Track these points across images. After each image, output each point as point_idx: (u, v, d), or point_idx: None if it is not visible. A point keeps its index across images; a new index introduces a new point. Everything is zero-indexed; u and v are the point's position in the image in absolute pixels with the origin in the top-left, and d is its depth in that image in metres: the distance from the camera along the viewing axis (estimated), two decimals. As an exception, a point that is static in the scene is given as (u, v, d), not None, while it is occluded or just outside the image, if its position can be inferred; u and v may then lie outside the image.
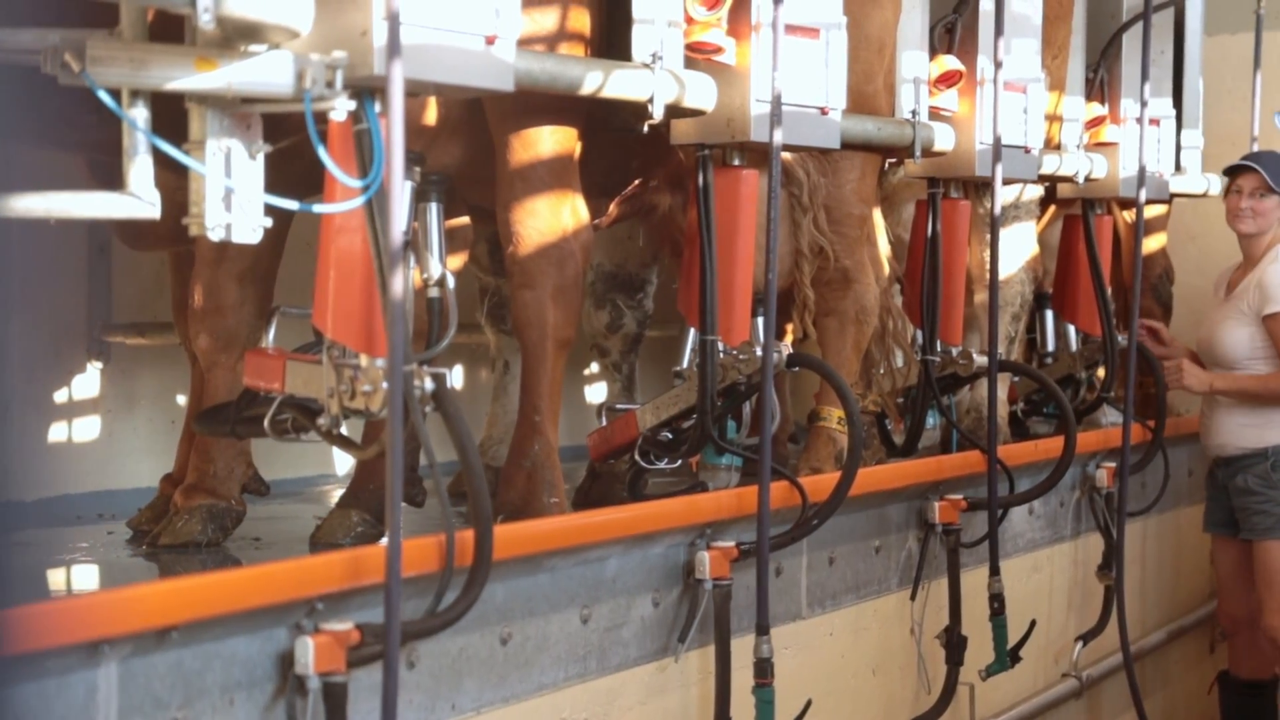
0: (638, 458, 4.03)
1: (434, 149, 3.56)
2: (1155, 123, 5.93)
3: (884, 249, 5.04)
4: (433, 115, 3.54)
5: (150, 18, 2.68)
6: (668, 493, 4.08)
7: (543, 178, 3.62)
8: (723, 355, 3.87)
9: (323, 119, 2.73)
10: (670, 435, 4.03)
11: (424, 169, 3.47)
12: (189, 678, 2.66)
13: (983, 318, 5.54)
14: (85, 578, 3.53)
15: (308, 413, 3.07)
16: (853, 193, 4.63)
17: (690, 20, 3.63)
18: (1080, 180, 5.62)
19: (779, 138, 3.68)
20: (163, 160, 2.62)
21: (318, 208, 2.81)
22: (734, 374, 3.89)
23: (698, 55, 3.66)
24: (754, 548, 3.79)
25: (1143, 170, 5.70)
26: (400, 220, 2.71)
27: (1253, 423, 5.93)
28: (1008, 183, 5.19)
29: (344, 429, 3.05)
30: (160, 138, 2.59)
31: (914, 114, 4.54)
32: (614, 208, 4.33)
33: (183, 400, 4.67)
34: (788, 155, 4.36)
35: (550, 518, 3.59)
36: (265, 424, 3.16)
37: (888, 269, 5.00)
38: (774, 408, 3.89)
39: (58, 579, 3.40)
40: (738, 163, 3.86)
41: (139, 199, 2.64)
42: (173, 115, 2.68)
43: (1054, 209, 6.22)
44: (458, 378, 5.72)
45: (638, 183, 4.32)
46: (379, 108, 2.78)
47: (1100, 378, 6.08)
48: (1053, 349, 6.32)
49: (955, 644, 4.80)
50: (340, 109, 2.71)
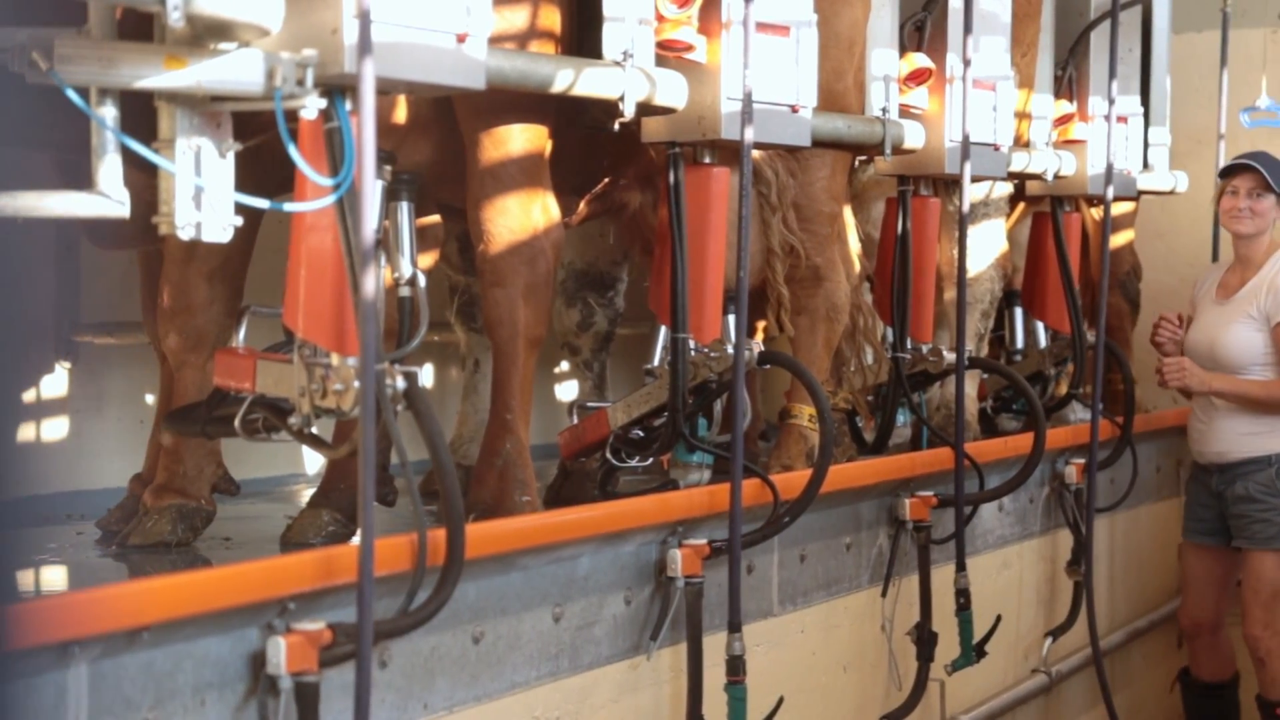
0: (609, 456, 4.03)
1: (404, 147, 3.56)
2: (1123, 120, 5.96)
3: (854, 247, 5.06)
4: (403, 114, 3.53)
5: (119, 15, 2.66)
6: (639, 491, 4.08)
7: (513, 175, 3.61)
8: (694, 353, 3.87)
9: (293, 117, 2.72)
10: (642, 433, 4.03)
11: (394, 167, 3.47)
12: (160, 678, 2.65)
13: (953, 315, 5.55)
14: (54, 579, 3.51)
15: (279, 412, 3.06)
16: (823, 190, 4.63)
17: (661, 18, 3.63)
18: (1049, 178, 5.63)
19: (750, 135, 3.69)
20: (132, 159, 2.61)
21: (289, 206, 2.80)
22: (705, 372, 3.89)
23: (668, 53, 3.66)
24: (726, 545, 3.79)
25: (1111, 168, 5.72)
26: (371, 219, 2.71)
27: (1257, 430, 5.80)
28: (977, 180, 5.20)
29: (315, 428, 3.04)
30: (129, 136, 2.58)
31: (884, 112, 4.55)
32: (584, 205, 4.33)
33: (152, 400, 4.64)
34: (757, 154, 4.36)
35: (522, 516, 3.59)
36: (236, 424, 3.15)
37: (858, 267, 5.01)
38: (745, 405, 3.90)
39: (26, 580, 3.38)
40: (709, 160, 3.87)
41: (108, 198, 2.63)
42: (140, 113, 2.66)
43: (1023, 206, 6.24)
44: (427, 376, 5.71)
45: (607, 181, 4.31)
46: (350, 106, 2.77)
47: (1069, 374, 6.11)
48: (1022, 346, 6.35)
49: (926, 640, 4.82)
50: (311, 107, 2.69)
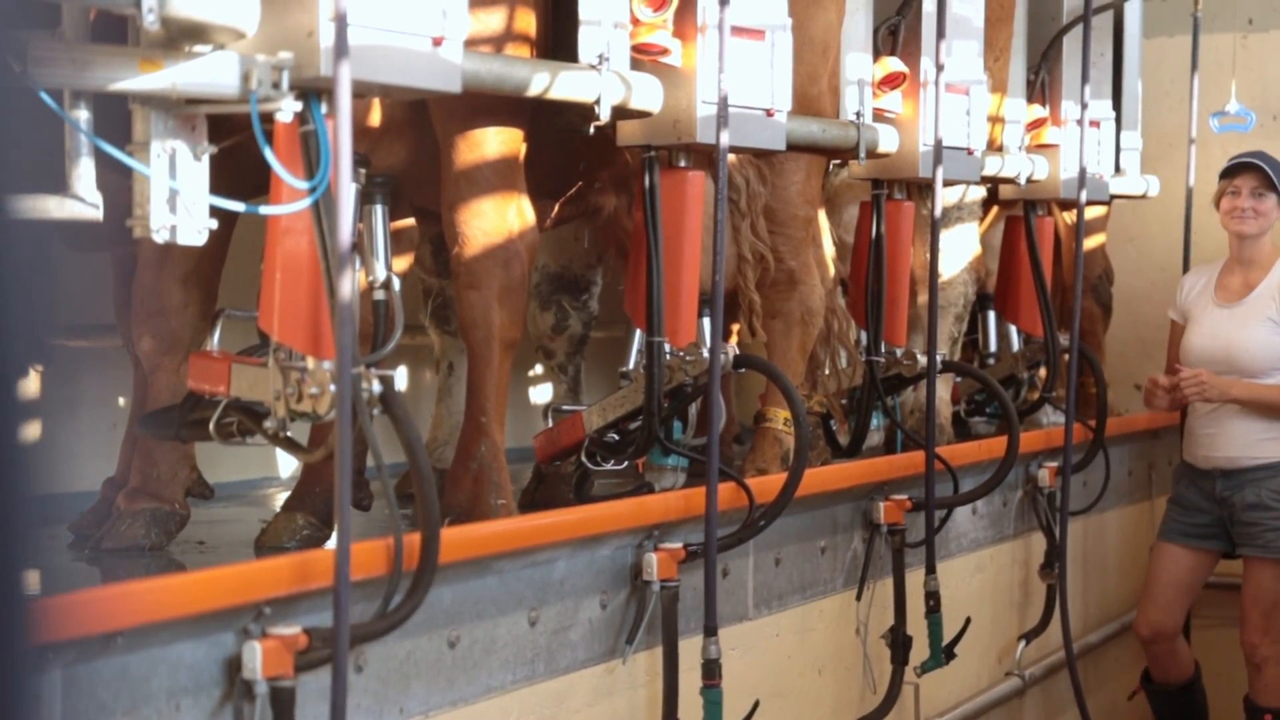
0: (584, 459, 4.03)
1: (378, 150, 3.55)
2: (1095, 124, 5.98)
3: (829, 250, 5.06)
4: (377, 116, 3.52)
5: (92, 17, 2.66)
6: (615, 494, 4.08)
7: (488, 178, 3.61)
8: (669, 356, 3.87)
9: (268, 120, 2.72)
10: (617, 436, 4.03)
11: (369, 170, 3.46)
12: (134, 683, 2.64)
13: (926, 318, 5.56)
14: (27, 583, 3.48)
15: (254, 416, 3.05)
16: (798, 194, 4.64)
17: (636, 22, 3.63)
18: (1022, 182, 5.65)
19: (726, 139, 3.69)
20: (107, 161, 2.60)
21: (264, 209, 2.80)
22: (680, 375, 3.89)
23: (644, 57, 3.67)
24: (701, 549, 3.79)
25: (1083, 172, 5.74)
26: (347, 222, 2.70)
27: (1269, 435, 5.71)
28: (950, 184, 5.22)
29: (290, 432, 3.03)
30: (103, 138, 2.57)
31: (858, 116, 4.55)
32: (559, 209, 4.33)
33: (125, 403, 4.62)
34: (729, 159, 4.37)
35: (498, 520, 3.58)
36: (211, 427, 3.14)
37: (833, 270, 5.02)
38: (720, 409, 3.90)
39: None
40: (684, 164, 3.87)
41: (81, 201, 2.62)
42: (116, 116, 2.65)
43: (996, 210, 6.26)
44: (401, 379, 5.70)
45: (581, 184, 4.31)
46: (325, 109, 2.77)
47: (1042, 378, 6.13)
48: (995, 349, 6.37)
49: (900, 644, 4.83)
50: (286, 110, 2.69)
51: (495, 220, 3.62)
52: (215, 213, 2.72)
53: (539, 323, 5.04)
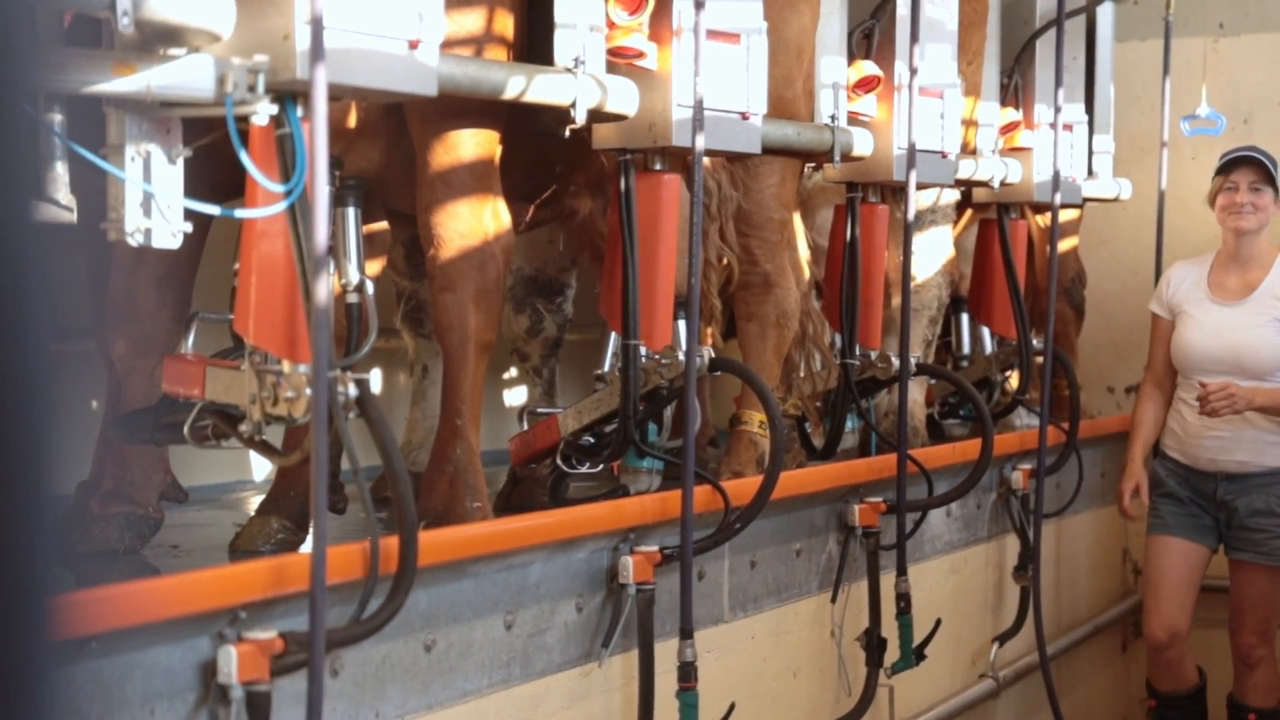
0: (559, 462, 4.03)
1: (352, 152, 3.54)
2: (1068, 128, 6.00)
3: (804, 253, 5.07)
4: (353, 119, 3.51)
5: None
6: (590, 497, 4.08)
7: (464, 181, 3.60)
8: (645, 359, 3.88)
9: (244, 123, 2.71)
10: (592, 439, 4.03)
11: (342, 173, 3.45)
12: (108, 688, 2.63)
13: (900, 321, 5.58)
14: None
15: (229, 419, 3.04)
16: (773, 197, 4.65)
17: (612, 25, 3.63)
18: (996, 185, 5.67)
19: (701, 143, 3.69)
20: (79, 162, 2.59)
21: (239, 213, 2.79)
22: (656, 378, 3.90)
23: (620, 60, 3.67)
24: (677, 552, 3.79)
25: (1057, 175, 5.76)
26: (323, 224, 2.69)
27: (1278, 439, 5.61)
28: (924, 187, 5.23)
29: (265, 435, 3.03)
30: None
31: (833, 119, 4.56)
32: (534, 212, 4.32)
33: (98, 407, 4.60)
34: (704, 162, 4.37)
35: (474, 523, 3.58)
36: (185, 430, 3.13)
37: (808, 273, 5.03)
38: (696, 412, 3.90)
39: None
40: (659, 167, 3.87)
41: (55, 203, 2.60)
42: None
43: (970, 213, 6.28)
44: (375, 382, 5.68)
45: (556, 187, 4.31)
46: (301, 112, 2.76)
47: (1015, 380, 6.15)
48: (968, 352, 6.39)
49: (875, 646, 4.84)
50: (262, 113, 2.68)
51: (471, 223, 3.61)
52: (190, 215, 2.71)
53: (514, 325, 5.03)
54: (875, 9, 4.85)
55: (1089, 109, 6.56)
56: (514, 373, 5.88)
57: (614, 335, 4.03)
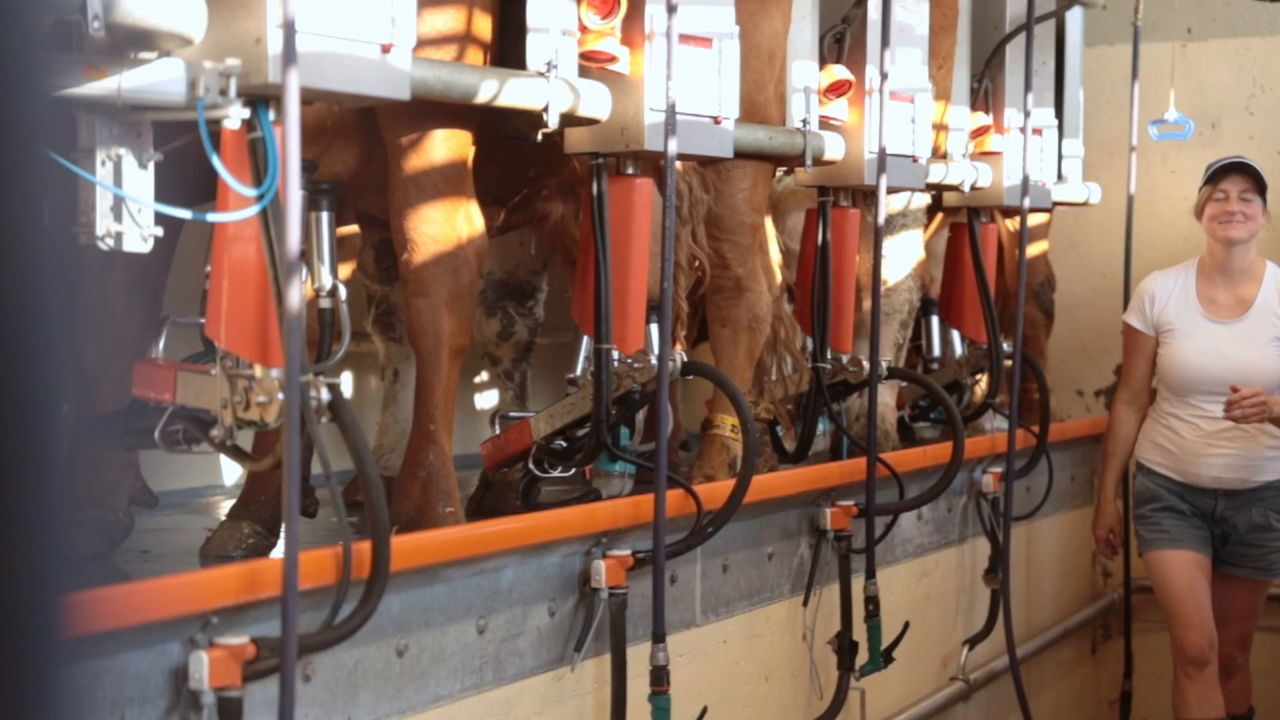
0: (532, 466, 4.03)
1: (327, 155, 3.53)
2: (1038, 132, 6.02)
3: (775, 257, 5.08)
4: (327, 122, 3.50)
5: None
6: (562, 501, 4.07)
7: (437, 184, 3.60)
8: (617, 363, 3.88)
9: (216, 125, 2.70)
10: (564, 443, 4.03)
11: (316, 176, 3.44)
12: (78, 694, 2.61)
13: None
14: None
15: (200, 424, 3.03)
16: (744, 201, 4.65)
17: (584, 29, 3.64)
18: (966, 189, 5.68)
19: (674, 147, 3.70)
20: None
21: (211, 217, 2.78)
22: (629, 382, 3.90)
23: (592, 64, 3.67)
24: (650, 556, 3.79)
25: (1026, 179, 5.79)
26: (295, 229, 2.69)
27: (1276, 453, 5.49)
28: (895, 191, 5.25)
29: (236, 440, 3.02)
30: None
31: (805, 123, 4.57)
32: (505, 216, 4.32)
33: (67, 411, 4.58)
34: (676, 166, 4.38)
35: (447, 528, 3.57)
36: (156, 435, 3.12)
37: (779, 277, 5.04)
38: (667, 415, 3.90)
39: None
40: (632, 171, 3.87)
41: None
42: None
43: (941, 217, 6.30)
44: (346, 386, 5.67)
45: (528, 191, 4.31)
46: (273, 116, 2.75)
47: (985, 384, 6.16)
48: (938, 355, 6.40)
49: (846, 649, 4.85)
50: (234, 117, 2.67)
51: (444, 226, 3.61)
52: (160, 219, 2.70)
53: (484, 329, 5.03)
54: (846, 14, 4.86)
55: (1058, 113, 6.59)
56: (485, 376, 5.87)
57: (586, 339, 4.03)
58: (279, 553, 3.51)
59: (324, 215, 3.50)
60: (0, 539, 0.99)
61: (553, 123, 3.50)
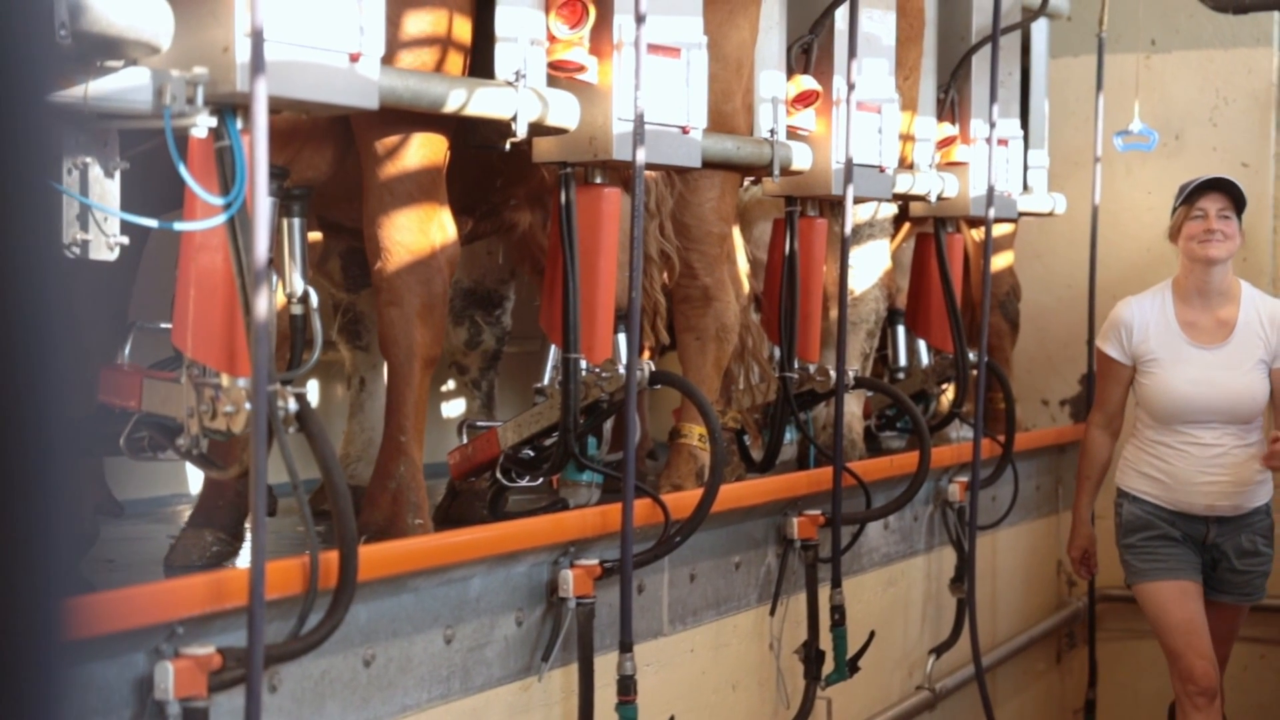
0: (499, 475, 4.02)
1: (298, 162, 3.52)
2: (1004, 143, 6.05)
3: (743, 267, 5.09)
4: (299, 129, 3.49)
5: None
6: (530, 511, 4.07)
7: (409, 192, 3.59)
8: (585, 373, 3.88)
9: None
10: (532, 453, 4.02)
11: (287, 183, 3.43)
12: (44, 706, 2.60)
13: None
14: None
15: (166, 432, 3.02)
16: (712, 211, 4.66)
17: (553, 38, 3.64)
18: (933, 199, 5.70)
19: (642, 157, 3.70)
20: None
21: (178, 225, 2.77)
22: (596, 391, 3.89)
23: (560, 74, 3.67)
24: (617, 565, 3.79)
25: (991, 190, 5.81)
26: (263, 238, 2.68)
27: (1264, 477, 5.38)
28: (862, 201, 5.26)
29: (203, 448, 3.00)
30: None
31: (772, 133, 4.58)
32: (474, 224, 4.32)
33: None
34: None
35: (414, 537, 3.56)
36: (121, 442, 3.10)
37: (747, 287, 5.05)
38: (634, 425, 3.90)
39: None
40: (600, 181, 3.87)
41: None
42: None
43: (907, 227, 6.32)
44: (312, 394, 5.65)
45: (496, 200, 4.31)
46: (241, 124, 2.74)
47: (951, 393, 6.18)
48: (905, 364, 6.42)
49: (812, 658, 4.85)
50: (201, 126, 2.67)
51: (417, 236, 3.60)
52: (128, 226, 2.69)
53: (452, 337, 5.02)
54: (814, 24, 4.87)
55: (1024, 124, 6.62)
56: (452, 385, 5.86)
57: (554, 348, 4.03)
58: (245, 562, 3.49)
59: (295, 222, 3.49)
60: (6, 541, 1.00)
61: (521, 132, 3.50)
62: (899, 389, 5.78)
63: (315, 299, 3.23)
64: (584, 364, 3.87)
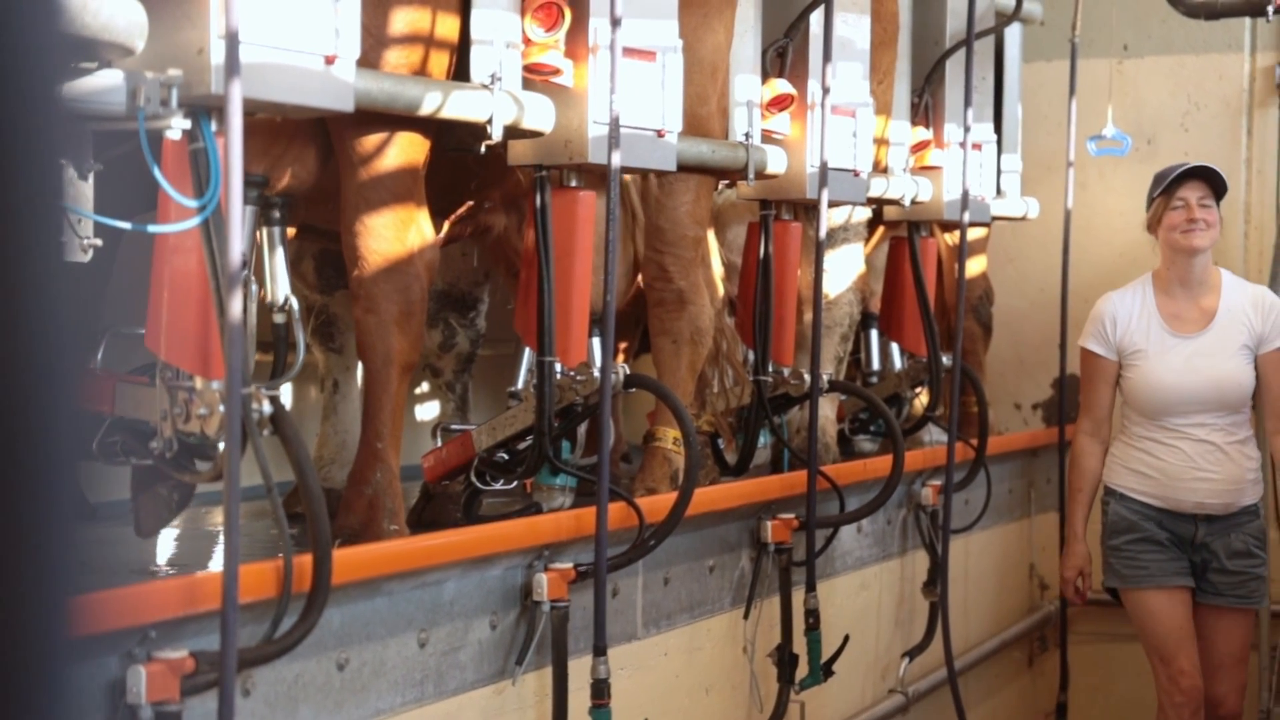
0: (473, 479, 4.01)
1: (278, 169, 3.50)
2: (977, 147, 6.07)
3: (718, 270, 5.09)
4: (281, 134, 3.48)
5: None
6: (504, 514, 4.07)
7: (386, 198, 3.57)
8: (560, 376, 3.87)
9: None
10: (506, 456, 4.02)
11: (268, 190, 3.42)
12: (16, 710, 2.59)
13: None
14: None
15: (139, 436, 3.00)
16: (687, 215, 4.66)
17: (528, 41, 3.63)
18: (906, 203, 5.71)
19: (617, 160, 3.70)
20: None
21: (151, 228, 2.76)
22: (571, 395, 3.89)
23: (536, 77, 3.66)
24: (591, 569, 3.79)
25: (965, 194, 5.82)
26: (238, 240, 2.67)
27: (1254, 476, 5.28)
28: (837, 205, 5.27)
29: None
30: None
31: (747, 137, 4.59)
32: (448, 228, 4.31)
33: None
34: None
35: (388, 541, 3.56)
36: (93, 446, 3.09)
37: (722, 290, 5.05)
38: (609, 428, 3.90)
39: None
40: (575, 184, 3.87)
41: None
42: None
43: (881, 231, 6.33)
44: (285, 397, 5.63)
45: (470, 204, 4.30)
46: (215, 126, 2.74)
47: (924, 397, 6.19)
48: (878, 368, 6.43)
49: (786, 662, 4.85)
50: (175, 128, 2.66)
51: (394, 242, 3.58)
52: (100, 229, 2.68)
53: (426, 341, 5.01)
54: (789, 28, 4.88)
55: (997, 129, 6.64)
56: (426, 388, 5.85)
57: (528, 351, 4.03)
58: (218, 565, 3.48)
59: (276, 230, 3.47)
60: (11, 541, 1.00)
61: (496, 135, 3.50)
62: (872, 392, 5.79)
63: (297, 306, 3.22)
64: (559, 367, 3.86)
